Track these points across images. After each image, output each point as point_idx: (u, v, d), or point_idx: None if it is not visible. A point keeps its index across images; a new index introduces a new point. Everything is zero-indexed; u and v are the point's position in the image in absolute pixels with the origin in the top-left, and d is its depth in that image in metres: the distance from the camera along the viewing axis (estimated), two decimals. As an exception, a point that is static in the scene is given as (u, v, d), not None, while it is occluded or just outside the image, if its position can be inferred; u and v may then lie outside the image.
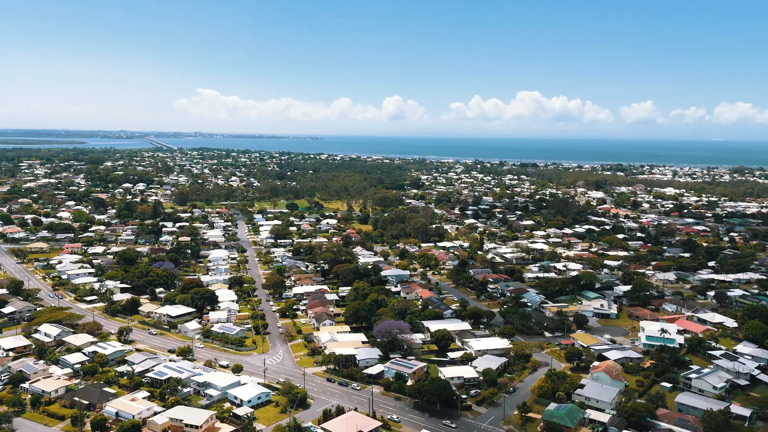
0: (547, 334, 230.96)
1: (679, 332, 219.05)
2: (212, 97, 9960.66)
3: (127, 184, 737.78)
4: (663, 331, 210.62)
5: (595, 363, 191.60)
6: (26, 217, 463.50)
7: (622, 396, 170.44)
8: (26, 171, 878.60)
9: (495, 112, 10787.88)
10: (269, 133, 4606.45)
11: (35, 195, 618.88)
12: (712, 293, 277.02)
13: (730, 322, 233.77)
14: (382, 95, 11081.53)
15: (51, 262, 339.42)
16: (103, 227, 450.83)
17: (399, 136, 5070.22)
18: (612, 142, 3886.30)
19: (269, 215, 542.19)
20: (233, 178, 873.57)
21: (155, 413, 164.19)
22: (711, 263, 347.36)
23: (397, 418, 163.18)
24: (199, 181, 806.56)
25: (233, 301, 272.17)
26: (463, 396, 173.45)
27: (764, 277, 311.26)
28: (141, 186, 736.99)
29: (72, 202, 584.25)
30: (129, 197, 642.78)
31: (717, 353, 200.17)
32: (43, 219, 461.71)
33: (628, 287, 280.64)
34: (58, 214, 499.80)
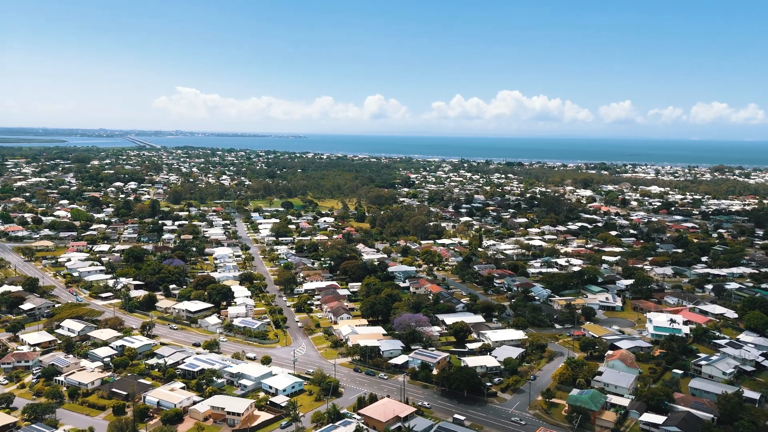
0: (557, 326, 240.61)
1: (684, 323, 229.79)
2: (192, 96, 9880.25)
3: (118, 183, 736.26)
4: (672, 321, 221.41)
5: (609, 352, 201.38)
6: (25, 215, 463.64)
7: (638, 382, 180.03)
8: (13, 170, 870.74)
9: (476, 112, 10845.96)
10: (251, 131, 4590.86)
11: (27, 194, 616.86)
12: (709, 286, 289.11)
13: (731, 314, 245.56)
14: (363, 94, 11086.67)
15: (59, 259, 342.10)
16: (103, 225, 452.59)
17: (381, 135, 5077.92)
18: (592, 141, 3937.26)
19: (266, 214, 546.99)
20: (224, 176, 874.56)
21: (194, 402, 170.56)
22: (704, 258, 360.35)
23: (428, 404, 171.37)
24: (190, 179, 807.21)
25: (247, 296, 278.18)
26: (488, 383, 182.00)
27: (756, 271, 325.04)
28: (132, 185, 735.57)
29: (65, 201, 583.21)
30: (122, 196, 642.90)
31: (722, 342, 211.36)
32: (43, 218, 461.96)
33: (630, 281, 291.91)
34: (55, 213, 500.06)
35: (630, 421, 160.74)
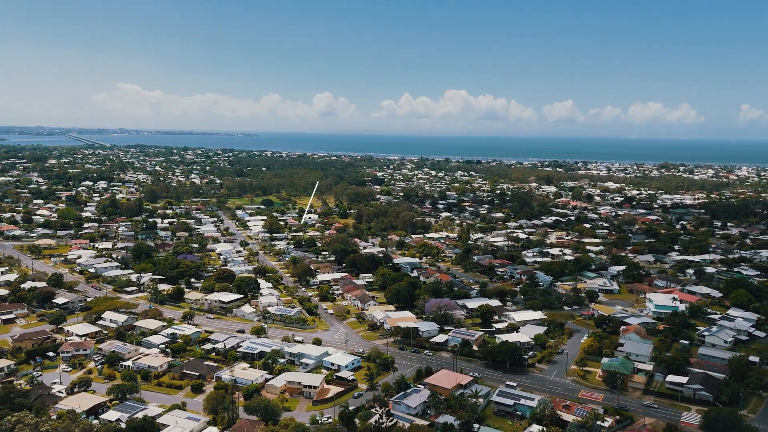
0: (566, 308, 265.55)
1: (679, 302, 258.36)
2: (134, 93, 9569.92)
3: (87, 182, 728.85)
4: (674, 299, 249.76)
5: (623, 327, 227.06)
6: (15, 215, 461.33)
7: (653, 351, 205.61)
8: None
9: (425, 110, 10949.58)
10: (198, 129, 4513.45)
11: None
12: (690, 271, 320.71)
13: (715, 293, 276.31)
14: (311, 91, 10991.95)
15: (69, 256, 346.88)
16: (94, 224, 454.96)
17: (332, 133, 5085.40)
18: (538, 139, 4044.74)
19: (250, 211, 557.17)
20: (192, 175, 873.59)
21: (266, 379, 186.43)
22: (675, 247, 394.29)
23: (479, 375, 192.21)
24: (161, 178, 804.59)
25: (270, 287, 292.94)
26: (525, 356, 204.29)
27: (724, 257, 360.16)
28: (103, 184, 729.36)
29: (40, 201, 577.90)
30: (96, 195, 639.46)
31: (715, 317, 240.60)
32: (33, 217, 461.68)
33: (620, 267, 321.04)
34: (38, 212, 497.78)
35: (656, 383, 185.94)
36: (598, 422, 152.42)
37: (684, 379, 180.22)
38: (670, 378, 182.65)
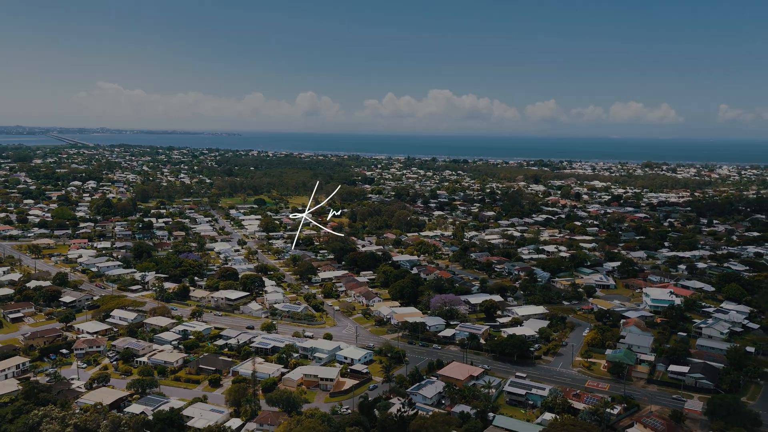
0: (565, 302, 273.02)
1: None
2: (114, 92, 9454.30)
3: (76, 182, 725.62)
4: (671, 293, 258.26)
5: (623, 320, 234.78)
6: (9, 215, 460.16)
7: (654, 343, 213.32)
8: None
9: (408, 110, 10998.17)
10: (181, 129, 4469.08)
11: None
12: (683, 266, 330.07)
13: (708, 288, 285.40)
14: (295, 91, 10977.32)
15: (69, 256, 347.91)
16: (91, 223, 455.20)
17: (316, 132, 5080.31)
18: (522, 139, 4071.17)
19: (243, 210, 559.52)
20: (181, 175, 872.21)
21: (283, 373, 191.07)
22: (665, 244, 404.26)
23: (488, 366, 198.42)
24: (150, 178, 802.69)
25: (273, 285, 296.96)
26: (530, 349, 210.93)
27: (712, 253, 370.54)
28: (92, 183, 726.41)
29: (30, 201, 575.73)
30: (86, 195, 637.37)
31: (710, 310, 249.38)
32: (28, 217, 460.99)
33: (614, 263, 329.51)
34: (31, 212, 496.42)
35: (658, 373, 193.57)
36: (608, 410, 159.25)
37: (685, 369, 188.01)
38: (672, 368, 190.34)
